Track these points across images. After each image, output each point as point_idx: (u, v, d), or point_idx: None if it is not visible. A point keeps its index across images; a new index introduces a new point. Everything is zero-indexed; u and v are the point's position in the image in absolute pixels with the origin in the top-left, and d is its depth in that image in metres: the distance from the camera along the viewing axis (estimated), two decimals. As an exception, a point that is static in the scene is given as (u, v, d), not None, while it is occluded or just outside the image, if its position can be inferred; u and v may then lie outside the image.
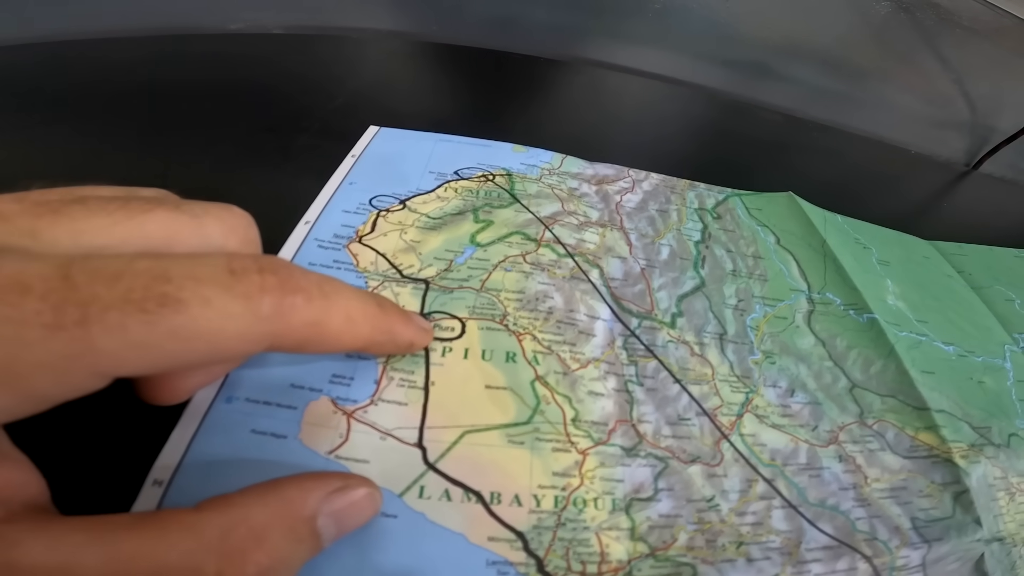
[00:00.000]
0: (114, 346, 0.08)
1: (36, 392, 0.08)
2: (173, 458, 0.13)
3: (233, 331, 0.09)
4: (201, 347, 0.09)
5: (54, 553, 0.08)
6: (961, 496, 0.18)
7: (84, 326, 0.08)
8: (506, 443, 0.15)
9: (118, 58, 0.28)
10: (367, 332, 0.13)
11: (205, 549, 0.09)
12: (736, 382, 0.18)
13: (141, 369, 0.09)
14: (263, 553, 0.10)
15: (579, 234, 0.22)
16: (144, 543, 0.09)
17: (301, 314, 0.10)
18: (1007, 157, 0.46)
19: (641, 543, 0.14)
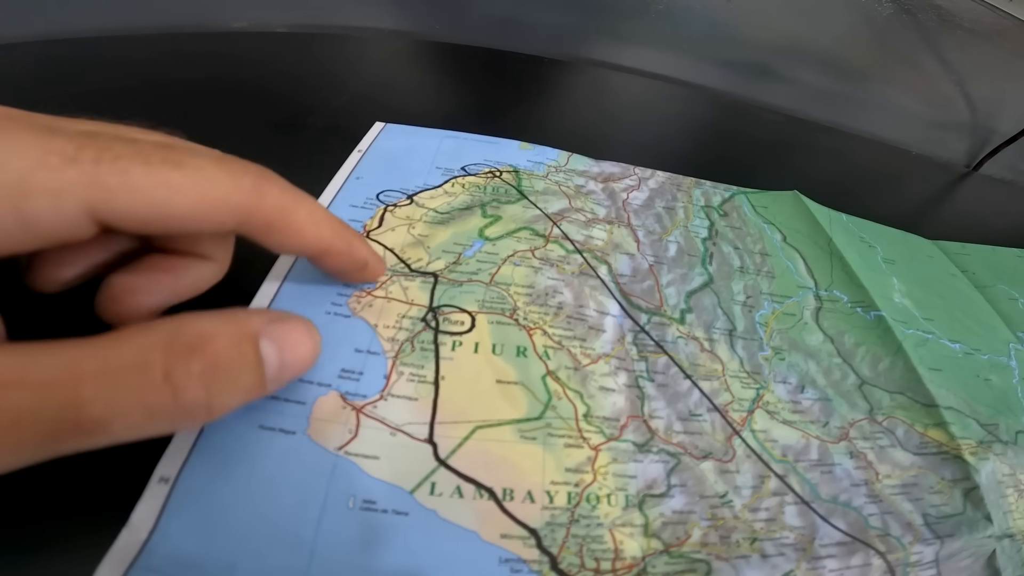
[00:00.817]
0: (114, 184, 0.10)
1: (31, 214, 0.10)
2: (180, 454, 0.13)
3: (214, 194, 0.11)
4: (186, 202, 0.11)
5: (6, 364, 0.09)
6: (971, 492, 0.18)
7: (96, 164, 0.10)
8: (518, 439, 0.15)
9: (122, 56, 0.27)
10: (328, 234, 0.14)
11: (152, 346, 0.10)
12: (746, 378, 0.18)
13: (128, 216, 0.10)
14: (209, 354, 0.10)
15: (587, 231, 0.22)
16: (95, 346, 0.10)
17: (274, 198, 0.12)
18: (1007, 159, 0.46)
19: (655, 539, 0.14)
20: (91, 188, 0.10)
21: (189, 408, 0.10)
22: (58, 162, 0.09)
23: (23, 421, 0.09)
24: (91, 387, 0.09)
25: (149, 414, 0.10)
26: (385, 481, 0.13)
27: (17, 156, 0.09)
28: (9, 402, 0.09)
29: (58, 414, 0.09)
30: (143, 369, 0.10)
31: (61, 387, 0.09)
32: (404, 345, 0.16)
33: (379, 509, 0.13)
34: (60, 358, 0.09)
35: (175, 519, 0.12)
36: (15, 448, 0.09)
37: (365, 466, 0.13)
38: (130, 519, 0.12)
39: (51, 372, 0.09)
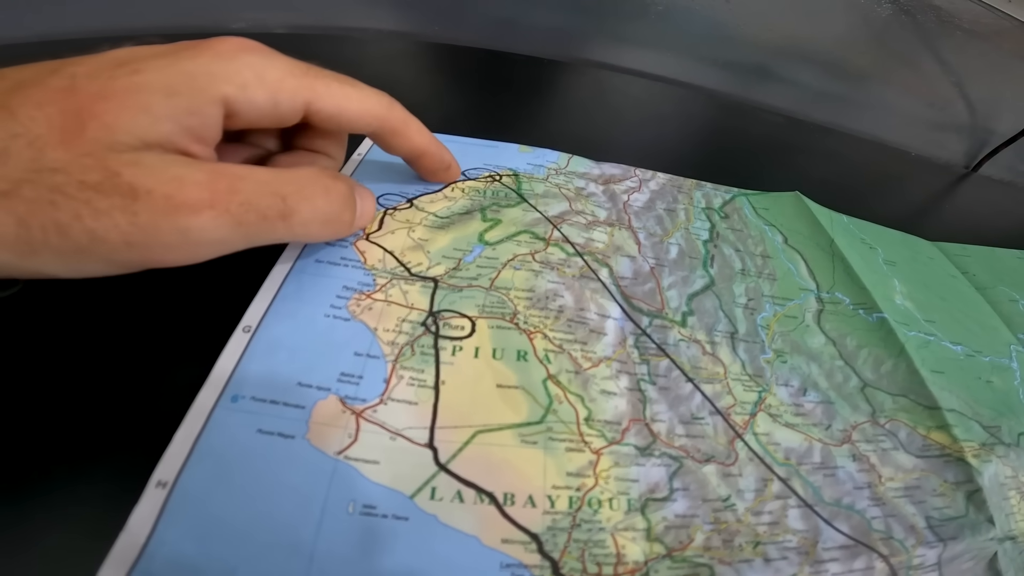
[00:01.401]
0: (322, 91, 0.15)
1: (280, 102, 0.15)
2: (178, 458, 0.13)
3: (368, 104, 0.17)
4: (354, 107, 0.16)
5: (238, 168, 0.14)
6: (974, 495, 0.18)
7: (315, 79, 0.15)
8: (519, 443, 0.15)
9: None
10: (428, 141, 0.20)
11: (318, 172, 0.15)
12: (748, 381, 0.18)
13: (323, 111, 0.16)
14: (345, 183, 0.16)
15: (587, 233, 0.22)
16: (285, 169, 0.15)
17: (398, 112, 0.18)
18: (1006, 159, 0.46)
19: (657, 544, 0.14)
20: (309, 91, 0.15)
21: (337, 213, 0.16)
22: (298, 73, 0.15)
23: (252, 201, 0.13)
24: (290, 187, 0.14)
25: (315, 211, 0.15)
26: (385, 486, 0.13)
27: (277, 67, 0.14)
28: (244, 187, 0.13)
29: (271, 202, 0.14)
30: (315, 182, 0.15)
31: (274, 183, 0.14)
32: (404, 349, 0.16)
33: (379, 514, 0.13)
34: (269, 170, 0.14)
35: (173, 524, 0.12)
36: (244, 222, 0.13)
37: (365, 471, 0.13)
38: (127, 524, 0.12)
39: (265, 174, 0.14)
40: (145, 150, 0.12)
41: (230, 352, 0.14)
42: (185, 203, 0.12)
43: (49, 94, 0.12)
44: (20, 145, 0.11)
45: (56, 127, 0.11)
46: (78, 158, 0.11)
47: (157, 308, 0.16)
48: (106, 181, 0.11)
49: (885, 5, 0.40)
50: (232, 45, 0.14)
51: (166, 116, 0.12)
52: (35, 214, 0.11)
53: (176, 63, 0.13)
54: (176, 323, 0.15)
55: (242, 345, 0.15)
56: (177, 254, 0.13)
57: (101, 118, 0.12)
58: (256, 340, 0.15)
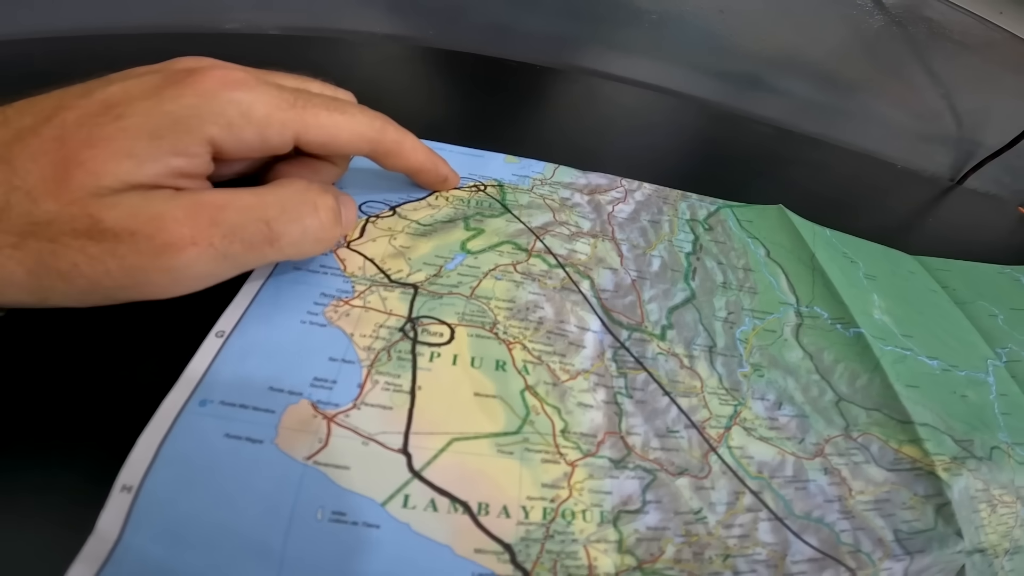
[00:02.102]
0: (311, 122, 0.15)
1: (267, 136, 0.15)
2: (142, 463, 0.12)
3: (359, 131, 0.17)
4: (345, 135, 0.16)
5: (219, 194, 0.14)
6: (943, 508, 0.18)
7: (303, 110, 0.15)
8: (495, 452, 0.15)
9: (112, 54, 0.27)
10: (423, 158, 0.20)
11: (305, 188, 0.15)
12: (725, 395, 0.18)
13: (313, 141, 0.16)
14: (332, 197, 0.16)
15: (570, 244, 0.22)
16: (271, 186, 0.15)
17: (391, 134, 0.18)
18: (992, 172, 0.47)
19: (629, 556, 0.14)
20: (298, 123, 0.15)
21: (325, 229, 0.15)
22: (285, 106, 0.15)
23: (236, 232, 0.13)
24: (274, 209, 0.14)
25: (304, 232, 0.15)
26: (356, 492, 0.13)
27: (264, 103, 0.14)
28: (226, 218, 0.13)
29: (255, 228, 0.14)
30: (303, 200, 0.15)
31: (257, 208, 0.14)
32: (380, 354, 0.16)
33: (349, 521, 0.13)
34: (252, 192, 0.14)
35: (140, 528, 0.12)
36: (230, 253, 0.13)
37: (335, 476, 0.13)
38: (96, 527, 0.12)
39: (249, 200, 0.14)
40: (128, 191, 0.12)
41: (201, 356, 0.14)
42: (166, 243, 0.12)
43: (43, 144, 0.12)
44: (19, 197, 0.12)
45: (47, 178, 0.12)
46: (66, 207, 0.12)
47: (130, 313, 0.15)
48: (92, 228, 0.12)
49: (876, 16, 0.41)
50: (214, 82, 0.14)
51: (151, 158, 0.13)
52: (41, 264, 0.12)
53: (159, 105, 0.13)
54: (149, 328, 0.15)
55: (214, 349, 0.15)
56: (169, 290, 0.13)
57: (86, 165, 0.12)
58: (229, 345, 0.15)
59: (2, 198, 0.12)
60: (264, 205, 0.14)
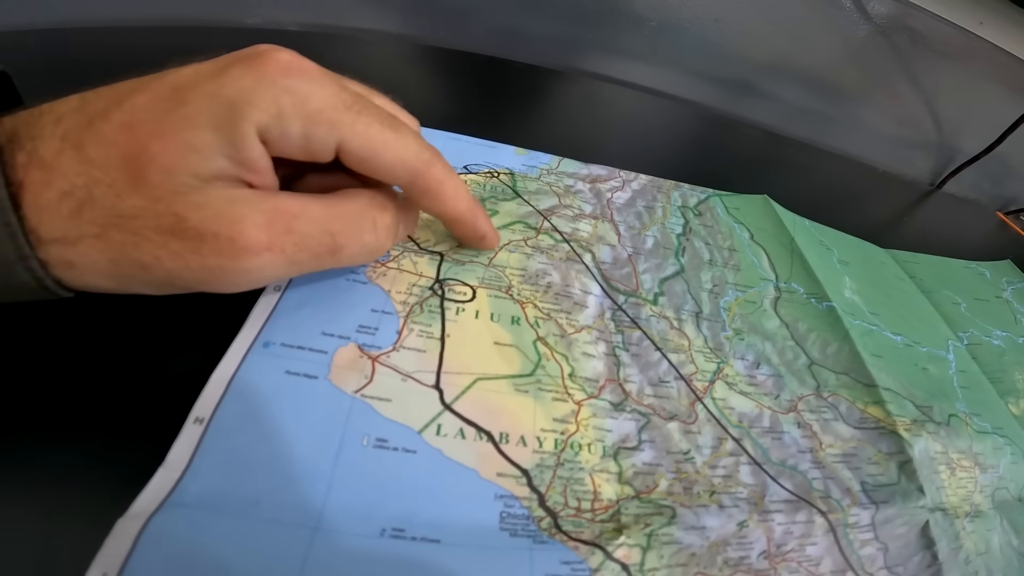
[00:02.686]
0: (361, 131, 0.14)
1: (312, 135, 0.14)
2: (213, 397, 0.14)
3: (404, 156, 0.15)
4: (389, 155, 0.15)
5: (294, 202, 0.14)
6: (905, 465, 0.20)
7: (358, 115, 0.14)
8: (513, 391, 0.17)
9: (133, 46, 0.28)
10: (463, 208, 0.18)
11: (368, 204, 0.15)
12: (709, 353, 0.21)
13: (354, 153, 0.14)
14: (391, 213, 0.16)
15: (574, 224, 0.24)
16: (338, 198, 0.15)
17: (437, 171, 0.16)
18: (969, 178, 0.49)
19: (627, 486, 0.16)
20: (348, 129, 0.14)
21: (381, 244, 0.16)
22: (341, 107, 0.14)
23: (305, 241, 0.14)
24: (339, 223, 0.15)
25: (362, 246, 0.15)
26: (396, 421, 0.15)
27: (320, 97, 0.14)
28: (299, 227, 0.14)
29: (322, 239, 0.14)
30: (364, 216, 0.15)
31: (325, 220, 0.14)
32: (414, 307, 0.18)
33: (390, 447, 0.15)
34: (321, 202, 0.15)
35: (207, 458, 0.13)
36: (297, 260, 0.14)
37: (379, 407, 0.15)
38: (167, 458, 0.13)
39: (319, 211, 0.14)
40: (206, 187, 0.13)
41: (263, 305, 0.17)
42: (246, 247, 0.13)
43: (113, 131, 0.12)
44: (102, 191, 0.12)
45: (124, 171, 0.12)
46: (151, 204, 0.12)
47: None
48: (177, 226, 0.12)
49: (863, 27, 0.43)
50: (277, 67, 0.13)
51: (215, 152, 0.13)
52: (123, 254, 0.12)
53: (221, 89, 0.13)
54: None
55: (273, 301, 0.17)
56: (240, 287, 0.14)
57: (158, 160, 0.12)
58: (285, 298, 0.17)
59: (85, 190, 0.12)
60: (332, 217, 0.14)
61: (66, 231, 0.12)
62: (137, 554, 0.11)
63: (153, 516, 0.12)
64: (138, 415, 0.14)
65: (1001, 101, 0.45)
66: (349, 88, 0.15)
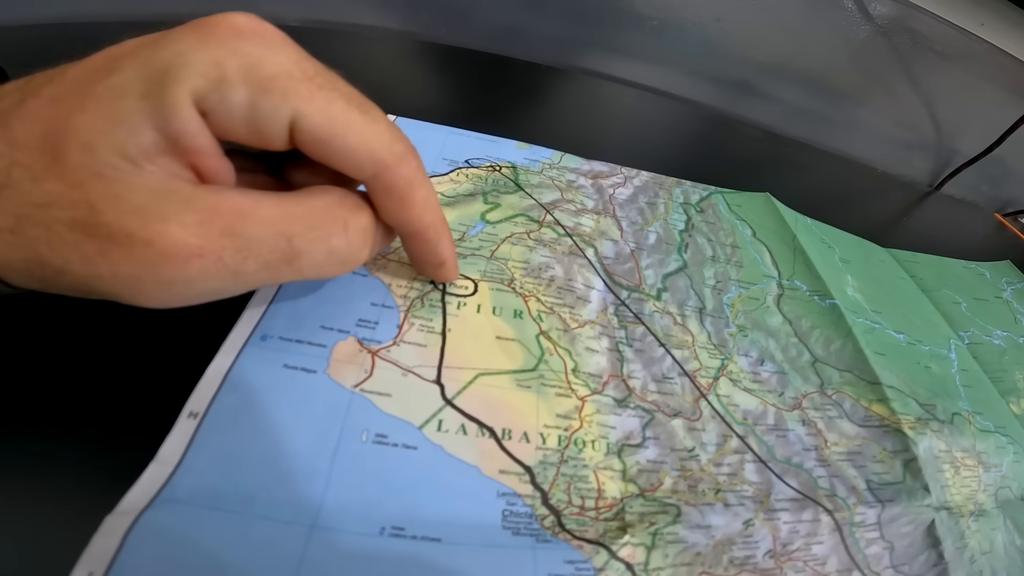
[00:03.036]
0: (321, 106, 0.12)
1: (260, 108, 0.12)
2: (208, 391, 0.14)
3: (372, 143, 0.13)
4: (352, 139, 0.13)
5: (243, 200, 0.12)
6: (910, 464, 0.20)
7: (319, 88, 0.12)
8: (515, 386, 0.17)
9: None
10: (428, 221, 0.15)
11: (337, 203, 0.13)
12: (713, 350, 0.21)
13: (310, 134, 0.12)
14: (367, 214, 0.14)
15: (576, 219, 0.24)
16: (299, 196, 0.13)
17: (408, 170, 0.14)
18: (968, 179, 0.49)
19: (632, 484, 0.16)
20: (305, 101, 0.12)
21: (354, 252, 0.13)
22: (299, 76, 0.12)
23: (252, 247, 0.12)
24: (299, 225, 0.12)
25: (329, 253, 0.13)
26: (396, 417, 0.15)
27: (276, 63, 0.11)
28: (244, 229, 0.11)
29: (274, 244, 0.12)
30: (332, 217, 0.13)
31: (280, 222, 0.12)
32: (415, 301, 0.18)
33: (390, 443, 0.14)
34: (277, 200, 0.12)
35: (200, 453, 0.12)
36: (241, 271, 0.12)
37: (378, 402, 0.15)
38: (158, 453, 0.12)
39: (272, 210, 0.12)
40: (136, 173, 0.10)
41: (260, 297, 0.16)
42: (166, 253, 0.10)
43: (40, 107, 0.10)
44: (20, 173, 0.10)
45: (45, 151, 0.10)
46: (67, 190, 0.10)
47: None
48: (89, 220, 0.10)
49: (863, 28, 0.43)
50: (232, 27, 0.11)
51: (143, 124, 0.10)
52: (36, 254, 0.10)
53: (158, 51, 0.11)
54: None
55: (271, 293, 0.16)
56: (164, 303, 0.12)
57: (77, 135, 0.10)
58: (283, 291, 0.17)
59: (3, 173, 0.10)
60: (289, 218, 0.12)
61: None
62: (125, 552, 0.11)
63: (143, 513, 0.11)
64: (132, 409, 0.14)
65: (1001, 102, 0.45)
66: (314, 60, 0.12)
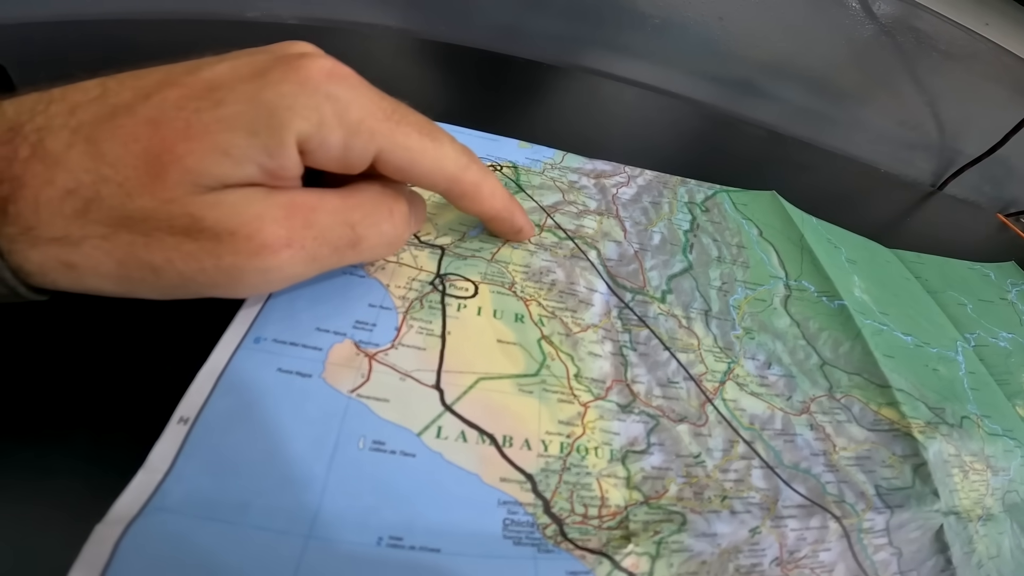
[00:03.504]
0: (399, 141, 0.14)
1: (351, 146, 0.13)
2: (200, 395, 0.13)
3: (442, 164, 0.15)
4: (427, 164, 0.15)
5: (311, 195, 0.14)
6: (920, 468, 0.19)
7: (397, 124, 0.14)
8: (517, 391, 0.16)
9: (133, 40, 0.28)
10: (499, 206, 0.18)
11: (383, 192, 0.15)
12: (719, 353, 0.20)
13: (391, 163, 0.14)
14: (406, 200, 0.16)
15: (578, 221, 0.24)
16: (354, 189, 0.15)
17: (473, 175, 0.16)
18: (971, 180, 0.48)
19: (636, 491, 0.15)
20: (386, 138, 0.14)
21: (399, 234, 0.15)
22: (381, 116, 0.14)
23: (325, 235, 0.13)
24: (358, 213, 0.14)
25: (381, 236, 0.15)
26: (394, 423, 0.14)
27: (361, 106, 0.13)
28: (318, 220, 0.13)
29: (342, 231, 0.14)
30: (381, 205, 0.15)
31: (344, 211, 0.14)
32: (414, 303, 0.17)
33: (388, 450, 0.14)
34: (337, 194, 0.14)
35: (191, 459, 0.12)
36: (318, 256, 0.14)
37: (375, 408, 0.14)
38: (148, 460, 0.12)
39: (336, 202, 0.14)
40: (227, 190, 0.12)
41: (254, 298, 0.16)
42: (265, 244, 0.12)
43: (138, 128, 0.11)
44: (111, 189, 0.11)
45: (141, 170, 0.11)
46: (163, 204, 0.11)
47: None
48: (192, 226, 0.12)
49: (867, 27, 0.42)
50: (319, 72, 0.13)
51: (247, 158, 0.12)
52: (132, 256, 0.12)
53: (260, 92, 0.12)
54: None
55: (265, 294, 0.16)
56: (256, 289, 0.14)
57: (183, 161, 0.11)
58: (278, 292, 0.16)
59: (91, 189, 0.11)
60: (349, 208, 0.14)
61: (68, 231, 0.11)
62: (116, 562, 0.10)
63: (133, 522, 0.11)
64: (126, 412, 0.13)
65: (1004, 103, 0.45)
66: (387, 97, 0.14)
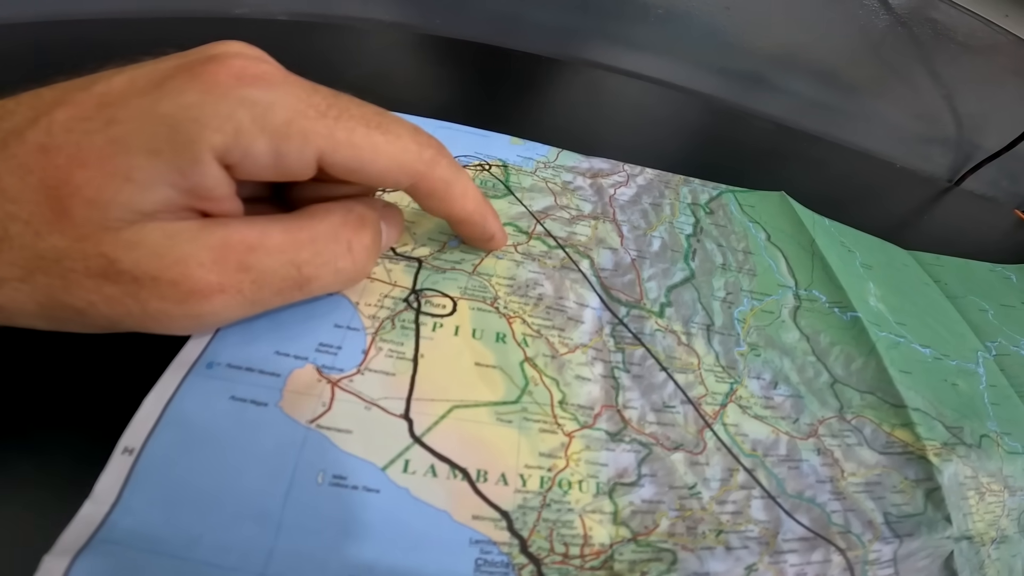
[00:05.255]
0: (342, 139, 0.12)
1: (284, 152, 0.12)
2: (146, 424, 0.12)
3: (402, 159, 0.14)
4: (383, 162, 0.13)
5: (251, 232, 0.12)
6: (933, 493, 0.18)
7: (336, 120, 0.12)
8: (494, 421, 0.15)
9: (121, 39, 0.27)
10: (471, 208, 0.16)
11: (340, 223, 0.13)
12: (721, 372, 0.19)
13: (340, 164, 0.13)
14: (371, 230, 0.14)
15: (570, 227, 0.22)
16: (302, 220, 0.13)
17: (442, 171, 0.15)
18: (989, 175, 0.47)
19: (623, 528, 0.14)
20: (324, 138, 0.12)
21: (360, 270, 0.14)
22: (313, 114, 0.12)
23: (265, 278, 0.12)
24: (306, 252, 0.13)
25: (336, 274, 0.14)
26: (357, 456, 0.13)
27: (287, 106, 0.12)
28: (256, 262, 0.12)
29: (285, 272, 0.12)
30: (336, 239, 0.13)
31: (288, 250, 0.12)
32: (385, 322, 0.16)
33: (349, 485, 0.13)
34: (283, 227, 0.13)
35: (139, 491, 0.12)
36: (258, 300, 0.12)
37: (337, 440, 0.13)
38: (93, 491, 0.11)
39: (279, 239, 0.12)
40: (144, 222, 0.11)
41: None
42: (193, 290, 0.11)
43: (29, 156, 0.10)
44: (18, 227, 0.10)
45: (44, 205, 0.10)
46: (75, 244, 0.10)
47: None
48: (108, 268, 0.11)
49: (882, 17, 0.41)
50: (229, 74, 0.11)
51: (154, 181, 0.11)
52: (52, 299, 0.11)
53: (156, 105, 0.11)
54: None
55: None
56: (193, 331, 0.13)
57: (82, 192, 0.10)
58: None
59: (0, 228, 0.10)
60: (297, 245, 0.13)
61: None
62: None
63: (81, 552, 0.11)
64: (71, 439, 0.13)
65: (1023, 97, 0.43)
66: (322, 90, 0.13)
